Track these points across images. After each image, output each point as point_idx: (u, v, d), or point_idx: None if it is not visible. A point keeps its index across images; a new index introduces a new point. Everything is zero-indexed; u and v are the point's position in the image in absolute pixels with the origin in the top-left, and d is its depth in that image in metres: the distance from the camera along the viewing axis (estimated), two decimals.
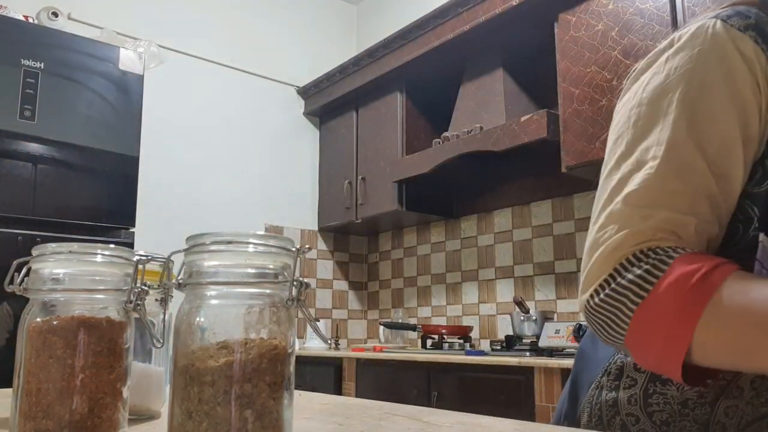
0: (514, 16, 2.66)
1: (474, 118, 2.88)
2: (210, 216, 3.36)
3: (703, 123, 0.63)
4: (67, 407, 0.59)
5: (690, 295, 0.56)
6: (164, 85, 3.25)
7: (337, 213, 3.66)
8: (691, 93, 0.63)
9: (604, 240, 0.63)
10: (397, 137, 3.27)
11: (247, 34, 3.76)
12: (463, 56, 3.04)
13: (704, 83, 0.63)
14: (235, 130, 3.61)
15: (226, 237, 0.57)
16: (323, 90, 3.78)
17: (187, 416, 0.54)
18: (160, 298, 0.69)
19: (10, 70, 2.27)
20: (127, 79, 2.54)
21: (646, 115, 0.65)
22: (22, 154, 2.27)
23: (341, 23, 4.27)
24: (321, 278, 3.84)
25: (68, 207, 2.34)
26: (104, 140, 2.45)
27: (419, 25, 3.08)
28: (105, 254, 0.64)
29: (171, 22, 3.44)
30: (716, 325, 0.55)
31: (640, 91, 0.67)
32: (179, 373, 0.55)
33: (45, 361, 0.60)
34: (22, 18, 2.50)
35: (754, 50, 0.62)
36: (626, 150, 0.65)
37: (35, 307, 0.63)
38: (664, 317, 0.57)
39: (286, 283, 0.58)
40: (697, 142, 0.62)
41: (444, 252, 3.50)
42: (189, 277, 0.58)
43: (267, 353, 0.56)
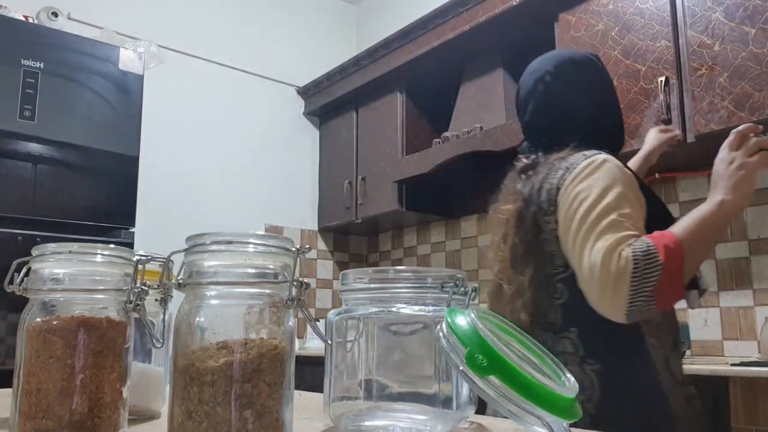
0: (514, 16, 2.66)
1: (474, 118, 2.88)
2: (210, 216, 3.36)
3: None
4: (67, 407, 0.59)
5: (672, 256, 1.04)
6: (164, 85, 3.25)
7: (337, 213, 3.66)
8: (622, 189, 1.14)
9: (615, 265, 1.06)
10: (397, 137, 3.27)
11: (247, 34, 3.76)
12: (463, 56, 3.04)
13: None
14: (235, 130, 3.61)
15: (226, 237, 0.57)
16: (323, 90, 3.78)
17: (187, 416, 0.54)
18: (160, 298, 0.69)
19: (10, 70, 2.27)
20: (127, 79, 2.54)
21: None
22: (22, 154, 2.27)
23: (341, 23, 4.27)
24: (321, 278, 3.84)
25: (68, 207, 2.34)
26: (104, 140, 2.45)
27: (419, 25, 3.08)
28: (105, 254, 0.64)
29: (171, 22, 3.44)
30: (687, 258, 1.06)
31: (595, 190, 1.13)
32: (179, 373, 0.55)
33: (45, 361, 0.60)
34: (22, 18, 2.50)
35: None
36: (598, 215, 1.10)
37: (35, 307, 0.63)
38: (675, 277, 1.05)
39: (286, 283, 0.58)
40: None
41: (444, 252, 3.50)
42: (189, 277, 0.58)
43: (267, 353, 0.56)
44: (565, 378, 0.66)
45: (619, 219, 1.07)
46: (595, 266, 1.04)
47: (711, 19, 2.03)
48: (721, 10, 2.01)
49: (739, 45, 1.95)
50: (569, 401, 0.61)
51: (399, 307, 0.71)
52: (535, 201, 1.21)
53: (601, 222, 1.07)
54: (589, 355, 1.13)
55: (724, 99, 1.97)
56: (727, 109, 1.95)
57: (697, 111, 2.03)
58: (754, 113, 1.89)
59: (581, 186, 1.12)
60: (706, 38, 2.03)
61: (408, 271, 0.73)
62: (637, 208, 1.13)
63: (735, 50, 1.96)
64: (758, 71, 1.90)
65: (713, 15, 2.02)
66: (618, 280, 1.02)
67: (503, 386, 0.58)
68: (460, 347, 0.60)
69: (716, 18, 2.01)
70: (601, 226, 1.07)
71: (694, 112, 2.04)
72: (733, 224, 2.31)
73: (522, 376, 0.59)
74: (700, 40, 2.05)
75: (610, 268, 1.03)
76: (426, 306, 0.70)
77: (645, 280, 1.01)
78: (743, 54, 1.94)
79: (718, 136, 2.02)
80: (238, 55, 3.67)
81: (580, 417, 0.61)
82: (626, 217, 1.08)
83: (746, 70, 1.92)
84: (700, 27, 2.05)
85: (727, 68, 1.97)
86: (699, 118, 2.02)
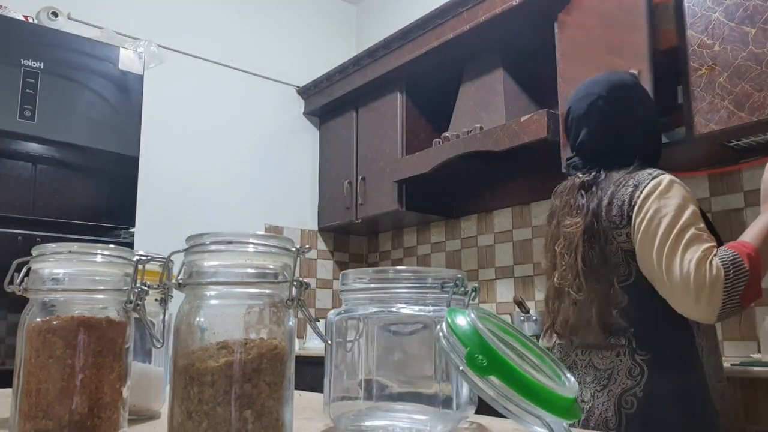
0: (514, 16, 2.66)
1: (474, 118, 2.87)
2: (210, 216, 3.36)
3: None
4: (67, 407, 0.59)
5: (752, 263, 1.20)
6: (164, 85, 3.25)
7: (337, 213, 3.66)
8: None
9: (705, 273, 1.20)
10: (397, 137, 3.27)
11: (247, 34, 3.76)
12: (463, 56, 3.03)
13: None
14: (235, 130, 3.61)
15: (226, 237, 0.57)
16: (323, 90, 3.78)
17: (187, 416, 0.54)
18: (160, 298, 0.69)
19: (10, 70, 2.27)
20: (127, 79, 2.54)
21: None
22: (22, 154, 2.27)
23: (341, 23, 4.27)
24: (321, 278, 3.84)
25: (68, 207, 2.34)
26: (104, 140, 2.45)
27: (419, 25, 3.08)
28: (105, 254, 0.64)
29: (171, 22, 3.44)
30: (764, 263, 1.21)
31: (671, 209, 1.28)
32: (179, 373, 0.55)
33: (45, 361, 0.60)
34: (22, 18, 2.49)
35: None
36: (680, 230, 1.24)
37: (35, 307, 0.63)
38: (758, 281, 1.20)
39: (286, 283, 0.58)
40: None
41: (444, 252, 3.50)
42: (189, 277, 0.58)
43: (267, 353, 0.56)
44: (565, 378, 0.66)
45: (698, 232, 1.23)
46: (689, 276, 1.19)
47: (711, 19, 2.03)
48: (721, 10, 2.00)
49: (739, 45, 1.95)
50: (569, 401, 0.61)
51: (399, 307, 0.71)
52: (605, 215, 1.33)
53: (684, 236, 1.22)
54: (640, 347, 1.27)
55: (724, 99, 1.97)
56: (727, 109, 1.95)
57: (697, 111, 2.03)
58: (754, 113, 1.89)
59: (658, 204, 1.26)
60: (706, 38, 2.03)
61: (408, 271, 0.73)
62: (703, 221, 1.28)
63: (735, 50, 1.96)
64: (758, 71, 1.90)
65: (713, 15, 2.02)
66: (713, 287, 1.18)
67: (503, 386, 0.58)
68: (460, 347, 0.60)
69: (716, 18, 2.01)
70: (684, 240, 1.22)
71: (694, 112, 2.04)
72: (734, 224, 2.31)
73: (522, 376, 0.59)
74: (700, 40, 2.05)
75: (705, 277, 1.18)
76: (426, 306, 0.70)
77: (736, 286, 1.18)
78: (743, 54, 1.94)
79: (718, 135, 2.02)
80: (238, 55, 3.67)
81: (580, 417, 0.61)
82: (703, 231, 1.25)
83: (746, 70, 1.92)
84: (700, 27, 2.05)
85: (727, 68, 1.97)
86: (699, 118, 2.02)
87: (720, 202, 2.35)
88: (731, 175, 2.32)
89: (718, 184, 2.37)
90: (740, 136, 2.04)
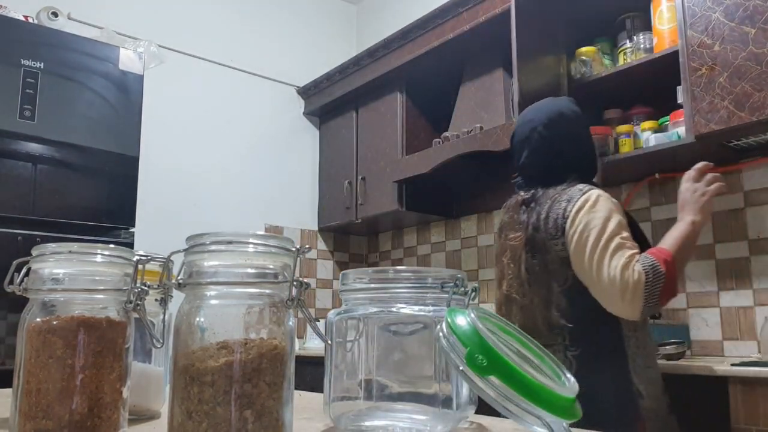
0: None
1: (474, 118, 2.87)
2: (210, 216, 3.36)
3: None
4: (67, 407, 0.59)
5: (667, 265, 1.39)
6: (164, 85, 3.24)
7: (337, 213, 3.66)
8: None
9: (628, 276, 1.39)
10: (397, 137, 3.27)
11: (247, 34, 3.76)
12: (463, 56, 3.03)
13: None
14: (235, 130, 3.61)
15: (226, 237, 0.57)
16: (323, 90, 3.78)
17: (187, 416, 0.54)
18: (160, 298, 0.69)
19: (10, 70, 2.27)
20: (127, 79, 2.54)
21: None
22: (22, 154, 2.27)
23: (341, 23, 4.27)
24: (321, 278, 3.84)
25: (68, 207, 2.34)
26: (104, 140, 2.45)
27: (419, 25, 3.07)
28: (105, 254, 0.64)
29: (171, 22, 3.44)
30: (678, 267, 1.42)
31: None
32: (179, 373, 0.55)
33: (45, 361, 0.60)
34: (22, 18, 2.49)
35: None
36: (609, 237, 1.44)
37: (35, 307, 0.63)
38: (673, 282, 1.40)
39: (286, 283, 0.58)
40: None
41: (444, 252, 3.50)
42: (189, 277, 0.58)
43: (267, 353, 0.56)
44: (565, 378, 0.66)
45: (622, 241, 1.42)
46: (615, 279, 1.38)
47: (711, 19, 2.03)
48: (721, 10, 2.00)
49: (739, 45, 1.95)
50: (569, 401, 0.61)
51: (399, 307, 0.71)
52: (543, 228, 1.51)
53: (610, 245, 1.41)
54: (572, 344, 1.45)
55: (724, 99, 1.97)
56: (727, 109, 1.95)
57: (697, 111, 2.03)
58: (754, 113, 1.89)
59: (587, 218, 1.45)
60: (706, 38, 2.03)
61: (408, 271, 0.73)
62: (628, 229, 1.47)
63: (735, 50, 1.96)
64: (758, 71, 1.90)
65: (713, 15, 2.02)
66: (636, 289, 1.37)
67: (503, 386, 0.58)
68: (460, 347, 0.60)
69: (716, 18, 2.01)
70: (611, 248, 1.41)
71: (694, 112, 2.04)
72: (734, 224, 2.31)
73: (522, 376, 0.59)
74: (700, 40, 2.05)
75: (628, 281, 1.36)
76: (426, 306, 0.70)
77: (655, 287, 1.37)
78: (743, 54, 1.94)
79: (718, 135, 2.02)
80: (238, 55, 3.67)
81: (580, 417, 0.61)
82: (626, 239, 1.43)
83: (746, 70, 1.92)
84: (700, 27, 2.05)
85: (727, 68, 1.97)
86: (699, 118, 2.02)
87: (720, 202, 2.35)
88: (731, 175, 2.32)
89: None
90: (740, 136, 2.04)
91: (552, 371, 0.66)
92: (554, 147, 1.60)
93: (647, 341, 1.51)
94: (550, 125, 1.61)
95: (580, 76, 2.47)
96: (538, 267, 1.52)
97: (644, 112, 2.41)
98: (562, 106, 1.67)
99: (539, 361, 0.68)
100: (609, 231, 1.42)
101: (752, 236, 2.26)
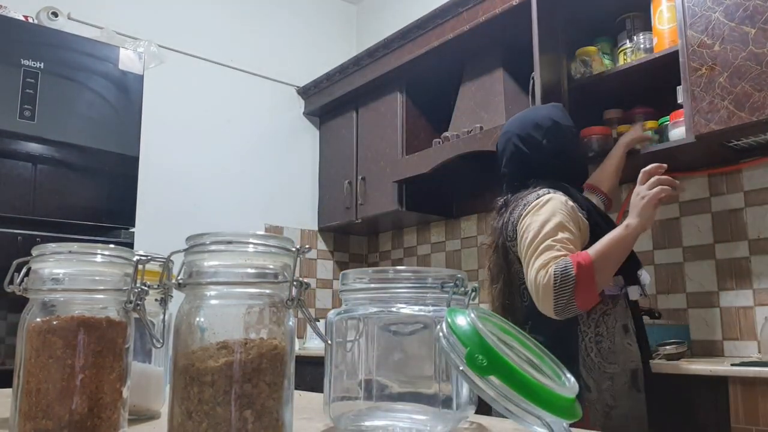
0: (514, 16, 2.65)
1: (474, 118, 2.87)
2: (210, 216, 3.36)
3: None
4: (67, 407, 0.59)
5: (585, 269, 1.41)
6: (164, 85, 3.24)
7: (337, 213, 3.66)
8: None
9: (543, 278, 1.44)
10: (397, 137, 3.27)
11: (247, 34, 3.76)
12: (463, 56, 3.03)
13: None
14: (235, 130, 3.61)
15: (226, 237, 0.57)
16: (323, 90, 3.78)
17: (187, 416, 0.54)
18: (160, 298, 0.69)
19: (10, 70, 2.27)
20: (127, 79, 2.54)
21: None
22: (22, 154, 2.27)
23: (341, 23, 4.27)
24: (321, 278, 3.84)
25: (68, 207, 2.34)
26: (104, 140, 2.45)
27: (419, 25, 3.07)
28: (105, 254, 0.64)
29: (171, 22, 3.44)
30: (598, 272, 1.42)
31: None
32: (179, 373, 0.55)
33: (45, 361, 0.60)
34: (22, 18, 2.49)
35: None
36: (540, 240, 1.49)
37: (35, 307, 0.63)
38: (589, 284, 1.41)
39: (286, 283, 0.58)
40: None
41: (444, 252, 3.50)
42: (189, 277, 0.58)
43: (267, 353, 0.56)
44: (565, 378, 0.66)
45: (552, 243, 1.46)
46: (532, 280, 1.45)
47: (711, 19, 2.03)
48: (721, 10, 2.00)
49: (739, 45, 1.95)
50: (569, 401, 0.61)
51: (399, 307, 0.71)
52: (505, 232, 1.63)
53: (539, 247, 1.47)
54: (532, 333, 1.51)
55: (724, 99, 1.97)
56: (727, 109, 1.95)
57: (697, 111, 2.03)
58: (754, 113, 1.89)
59: (530, 220, 1.52)
60: (706, 38, 2.03)
61: (408, 271, 0.73)
62: (574, 231, 1.51)
63: (735, 50, 1.96)
64: (758, 71, 1.90)
65: (713, 15, 2.02)
66: (545, 290, 1.42)
67: (503, 386, 0.58)
68: (460, 347, 0.60)
69: (716, 18, 2.01)
70: (538, 250, 1.46)
71: (694, 112, 2.04)
72: (733, 224, 2.31)
73: (522, 376, 0.59)
74: (700, 40, 2.05)
75: (540, 283, 1.42)
76: (426, 306, 0.70)
77: (563, 289, 1.40)
78: (743, 54, 1.94)
79: (718, 135, 2.02)
80: (238, 55, 3.67)
81: (580, 416, 0.61)
82: (559, 242, 1.46)
83: (746, 70, 1.92)
84: (700, 27, 2.05)
85: (727, 68, 1.97)
86: (699, 118, 2.02)
87: (720, 202, 2.35)
88: (731, 175, 2.32)
89: (718, 184, 2.37)
90: (740, 136, 2.04)
91: (552, 371, 0.66)
92: (527, 157, 1.68)
93: (613, 338, 1.55)
94: (524, 137, 1.69)
95: (580, 76, 2.47)
96: (504, 269, 1.64)
97: (644, 112, 2.41)
98: (539, 117, 1.73)
99: (539, 361, 0.68)
100: (543, 233, 1.47)
101: (752, 236, 2.26)
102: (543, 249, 1.45)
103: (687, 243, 2.43)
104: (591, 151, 2.38)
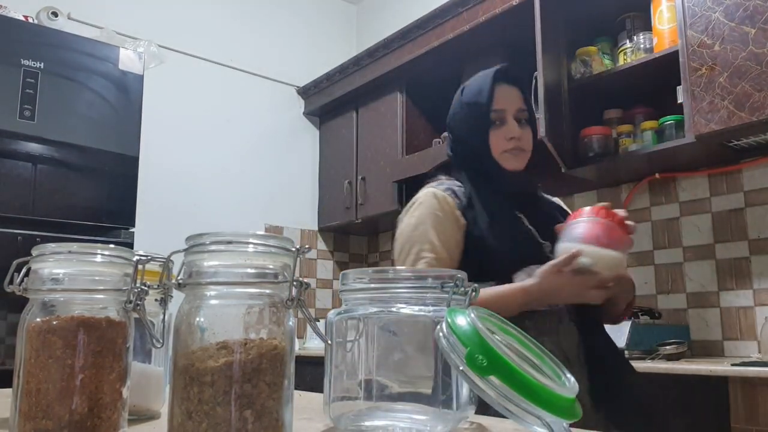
0: (514, 16, 2.65)
1: None
2: (210, 216, 3.36)
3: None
4: (67, 407, 0.59)
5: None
6: (164, 85, 3.24)
7: (337, 213, 3.66)
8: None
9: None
10: (397, 137, 3.27)
11: (247, 34, 3.76)
12: (463, 56, 3.03)
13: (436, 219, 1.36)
14: (235, 130, 3.61)
15: (226, 237, 0.57)
16: (323, 90, 3.78)
17: (187, 416, 0.54)
18: (160, 298, 0.69)
19: (10, 70, 2.27)
20: (127, 79, 2.54)
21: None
22: (22, 154, 2.27)
23: (341, 23, 4.27)
24: (321, 278, 3.84)
25: (68, 207, 2.34)
26: (104, 140, 2.45)
27: (419, 25, 3.07)
28: (105, 254, 0.64)
29: (171, 22, 3.44)
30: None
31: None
32: (179, 373, 0.55)
33: (45, 361, 0.60)
34: (22, 18, 2.49)
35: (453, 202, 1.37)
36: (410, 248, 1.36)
37: (35, 307, 0.63)
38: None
39: (286, 283, 0.58)
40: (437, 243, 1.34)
41: None
42: (189, 277, 0.58)
43: (267, 353, 0.56)
44: (565, 378, 0.66)
45: (419, 251, 1.35)
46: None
47: (711, 19, 2.03)
48: (721, 10, 2.00)
49: (739, 45, 1.95)
50: (569, 401, 0.61)
51: (399, 307, 0.71)
52: None
53: (408, 256, 1.36)
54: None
55: (724, 99, 1.97)
56: (727, 109, 1.95)
57: (697, 111, 2.03)
58: (754, 113, 1.89)
59: (402, 223, 1.41)
60: (706, 38, 2.03)
61: (408, 271, 0.73)
62: (444, 234, 1.35)
63: (735, 50, 1.96)
64: (758, 71, 1.90)
65: (713, 15, 2.02)
66: None
67: (503, 386, 0.58)
68: (460, 347, 0.60)
69: (716, 18, 2.01)
70: (408, 260, 1.36)
71: (694, 112, 2.04)
72: (733, 224, 2.31)
73: (522, 376, 0.58)
74: (700, 40, 2.05)
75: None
76: (426, 306, 0.70)
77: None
78: (743, 54, 1.94)
79: (718, 135, 2.02)
80: (238, 55, 3.67)
81: (580, 417, 0.61)
82: (427, 250, 1.35)
83: (746, 70, 1.92)
84: (700, 27, 2.05)
85: (727, 68, 1.97)
86: (699, 118, 2.02)
87: (720, 202, 2.35)
88: (731, 175, 2.32)
89: (718, 184, 2.37)
90: (740, 136, 2.04)
91: (552, 371, 0.66)
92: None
93: (551, 333, 1.30)
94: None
95: (580, 76, 2.47)
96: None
97: (644, 112, 2.41)
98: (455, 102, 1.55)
99: (539, 361, 0.67)
100: (411, 241, 1.35)
101: (752, 236, 2.26)
102: (411, 261, 1.34)
103: (687, 243, 2.44)
104: (591, 151, 2.38)
